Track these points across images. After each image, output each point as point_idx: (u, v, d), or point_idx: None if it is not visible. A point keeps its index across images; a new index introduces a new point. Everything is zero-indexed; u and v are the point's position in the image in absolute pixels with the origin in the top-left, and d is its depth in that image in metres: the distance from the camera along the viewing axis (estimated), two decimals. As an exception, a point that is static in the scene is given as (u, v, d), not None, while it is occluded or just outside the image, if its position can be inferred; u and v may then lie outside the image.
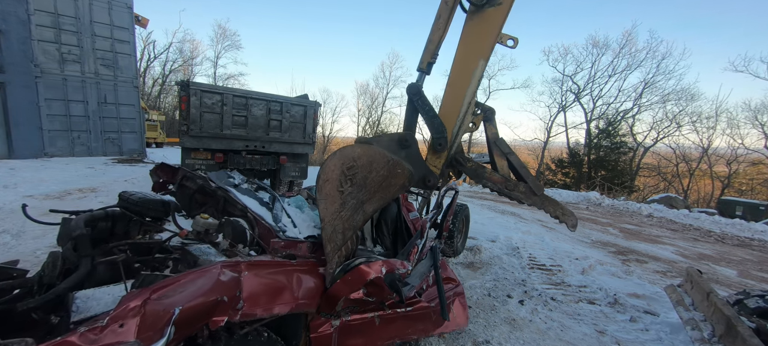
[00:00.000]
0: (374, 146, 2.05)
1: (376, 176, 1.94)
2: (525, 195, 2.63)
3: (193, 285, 1.36)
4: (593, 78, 26.36)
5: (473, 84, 2.45)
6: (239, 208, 2.48)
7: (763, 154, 22.11)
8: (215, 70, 38.34)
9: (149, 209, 2.28)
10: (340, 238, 1.80)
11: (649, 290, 3.96)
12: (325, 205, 1.75)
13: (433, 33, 2.53)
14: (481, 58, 2.42)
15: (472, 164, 2.70)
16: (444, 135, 2.41)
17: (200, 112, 6.43)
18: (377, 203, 1.99)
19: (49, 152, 11.45)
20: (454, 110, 2.49)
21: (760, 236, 8.33)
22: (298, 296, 1.62)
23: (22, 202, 5.29)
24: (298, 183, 8.45)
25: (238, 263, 1.54)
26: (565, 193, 14.37)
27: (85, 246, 1.74)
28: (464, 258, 4.68)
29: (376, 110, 37.98)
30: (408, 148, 2.32)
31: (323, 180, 1.75)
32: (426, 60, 2.55)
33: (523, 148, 34.29)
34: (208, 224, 2.16)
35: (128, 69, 12.98)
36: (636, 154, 25.00)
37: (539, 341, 2.76)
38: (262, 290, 1.51)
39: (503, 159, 2.66)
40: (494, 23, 2.38)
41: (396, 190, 2.01)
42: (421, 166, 2.35)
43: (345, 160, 1.83)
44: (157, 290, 1.29)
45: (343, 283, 1.77)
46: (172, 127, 30.58)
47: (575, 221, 2.63)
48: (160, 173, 3.25)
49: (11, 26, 10.55)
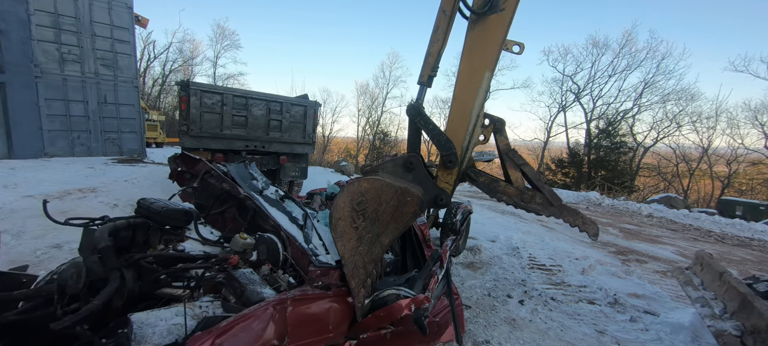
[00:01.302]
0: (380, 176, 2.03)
1: (386, 207, 1.93)
2: (542, 206, 2.55)
3: (250, 330, 1.36)
4: (593, 78, 26.41)
5: (480, 97, 2.37)
6: (271, 223, 2.42)
7: (763, 154, 22.11)
8: (215, 70, 38.40)
9: (171, 219, 2.22)
10: (362, 272, 1.82)
11: (649, 290, 3.96)
12: (343, 242, 1.76)
13: (432, 45, 2.44)
14: (486, 70, 2.33)
15: (485, 179, 2.63)
16: (453, 151, 2.34)
17: (200, 112, 6.43)
18: (392, 233, 1.98)
19: (49, 152, 11.44)
20: (462, 125, 2.42)
21: (760, 236, 8.33)
22: (332, 329, 1.64)
23: (22, 202, 5.30)
24: (298, 183, 8.45)
25: (285, 299, 1.54)
26: (565, 193, 14.37)
27: (111, 258, 1.71)
28: (464, 258, 4.68)
29: (376, 110, 37.97)
30: (414, 170, 2.28)
31: (336, 219, 1.76)
32: (426, 73, 2.46)
33: (523, 148, 34.32)
34: (246, 244, 2.14)
35: (128, 69, 12.98)
36: (636, 154, 25.00)
37: (539, 341, 2.76)
38: (304, 327, 1.53)
39: (517, 171, 2.57)
40: (498, 31, 2.29)
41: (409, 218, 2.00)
42: (431, 188, 2.30)
43: (353, 196, 1.82)
44: (221, 334, 1.29)
45: (375, 318, 1.79)
46: (172, 127, 30.58)
47: (597, 230, 2.55)
48: (179, 162, 3.17)
49: (11, 26, 10.55)
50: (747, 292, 2.30)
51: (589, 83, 26.56)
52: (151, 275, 1.86)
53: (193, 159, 3.16)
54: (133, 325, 1.35)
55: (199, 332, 1.32)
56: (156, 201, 2.27)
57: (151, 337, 1.34)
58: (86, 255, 1.75)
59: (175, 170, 3.20)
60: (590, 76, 26.43)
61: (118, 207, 5.71)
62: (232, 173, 2.89)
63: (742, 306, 2.26)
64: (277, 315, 1.45)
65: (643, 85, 24.58)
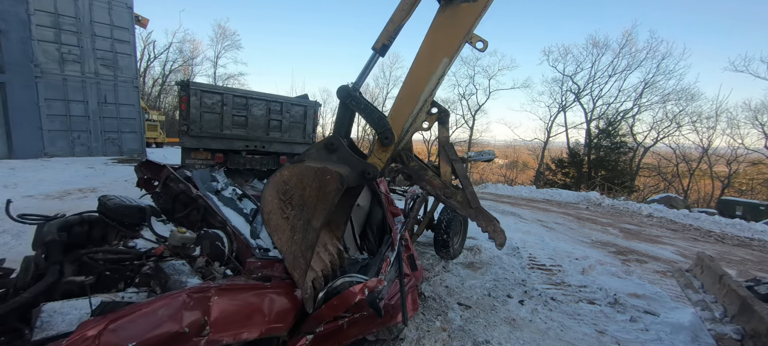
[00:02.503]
0: (304, 163, 2.06)
1: (310, 190, 1.94)
2: (461, 205, 2.62)
3: (154, 316, 1.30)
4: (593, 78, 26.41)
5: (432, 82, 2.36)
6: (219, 219, 2.47)
7: (763, 154, 22.11)
8: (215, 70, 38.39)
9: (125, 215, 2.26)
10: (302, 262, 1.81)
11: (649, 290, 3.96)
12: (278, 236, 1.76)
13: (396, 13, 2.38)
14: (445, 56, 2.31)
15: (415, 164, 2.65)
16: (388, 128, 2.32)
17: (200, 112, 6.44)
18: (322, 214, 1.98)
19: (49, 152, 11.45)
20: (408, 106, 2.39)
21: (760, 236, 8.33)
22: (270, 320, 1.61)
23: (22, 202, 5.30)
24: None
25: (209, 288, 1.51)
26: (565, 193, 14.37)
27: (55, 253, 1.72)
28: (464, 258, 4.68)
29: (376, 110, 37.89)
30: (336, 150, 2.28)
31: (267, 213, 1.76)
32: (382, 41, 2.41)
33: (523, 148, 34.33)
34: (185, 238, 2.15)
35: (128, 69, 12.99)
36: (636, 154, 25.01)
37: (539, 341, 2.76)
38: (232, 316, 1.48)
39: (448, 165, 2.63)
40: (466, 20, 2.27)
41: (333, 195, 1.99)
42: (357, 163, 2.28)
43: (278, 186, 1.84)
44: (115, 319, 1.23)
45: (329, 308, 1.79)
46: (172, 127, 30.58)
47: (504, 240, 2.66)
48: (144, 170, 3.25)
49: (11, 26, 10.56)
50: (747, 295, 2.29)
51: (589, 83, 26.60)
52: (94, 270, 1.85)
53: (157, 166, 3.23)
54: (42, 313, 1.34)
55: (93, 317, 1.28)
56: (113, 198, 2.31)
57: (58, 325, 1.33)
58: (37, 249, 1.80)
59: (142, 179, 3.26)
60: (590, 76, 26.46)
61: (118, 207, 5.71)
62: (194, 178, 2.96)
63: (743, 310, 2.25)
64: (191, 303, 1.39)
65: (643, 85, 24.62)
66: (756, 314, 2.11)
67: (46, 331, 1.30)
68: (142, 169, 3.25)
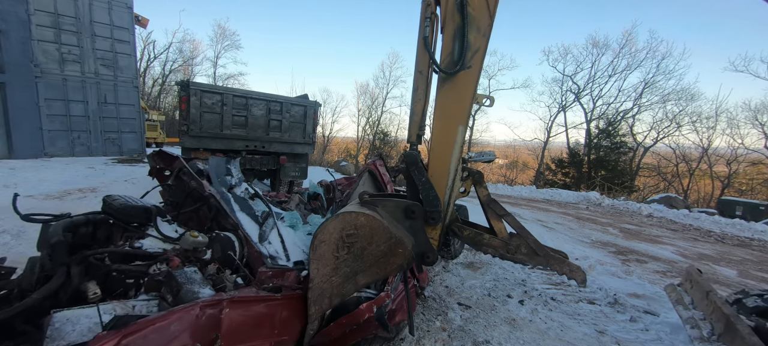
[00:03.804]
0: (378, 215, 1.99)
1: (375, 249, 1.88)
2: (528, 256, 2.58)
3: (167, 331, 1.29)
4: (593, 78, 26.38)
5: (457, 151, 2.37)
6: (231, 222, 2.42)
7: (763, 154, 22.10)
8: (215, 70, 38.36)
9: (131, 216, 2.23)
10: (326, 303, 1.77)
11: (649, 290, 3.96)
12: (317, 266, 1.72)
13: (415, 104, 2.48)
14: (459, 124, 2.35)
15: (470, 232, 2.61)
16: (438, 209, 2.28)
17: (200, 112, 6.44)
18: (371, 277, 1.92)
19: (49, 152, 11.45)
20: (442, 179, 2.39)
21: (760, 236, 8.33)
22: (279, 332, 1.61)
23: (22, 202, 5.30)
24: (298, 183, 8.45)
25: (221, 300, 1.49)
26: (565, 193, 14.37)
27: (61, 254, 1.70)
28: (464, 258, 4.68)
29: (376, 110, 37.91)
30: (412, 220, 2.22)
31: (319, 240, 1.72)
32: (414, 133, 2.48)
33: (523, 148, 34.32)
34: (197, 242, 2.12)
35: (128, 69, 12.99)
36: (636, 154, 25.00)
37: (539, 341, 2.76)
38: (242, 329, 1.49)
39: (500, 222, 2.62)
40: (467, 87, 2.32)
41: (393, 269, 1.94)
42: (423, 243, 2.25)
43: (346, 226, 1.79)
44: (128, 334, 1.21)
45: (337, 325, 1.77)
46: (172, 127, 30.56)
47: (584, 276, 2.61)
48: (157, 159, 3.21)
49: (11, 26, 10.56)
50: (731, 313, 2.29)
51: (589, 83, 26.57)
52: (100, 272, 1.83)
53: (170, 156, 3.17)
54: (53, 321, 1.32)
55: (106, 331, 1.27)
56: (118, 198, 2.28)
57: (69, 334, 1.31)
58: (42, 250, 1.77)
59: (154, 168, 3.23)
60: (590, 76, 26.43)
61: (118, 207, 5.71)
62: (209, 169, 2.91)
63: (727, 329, 2.26)
64: (203, 317, 1.38)
65: (643, 85, 24.59)
66: (739, 334, 2.12)
67: (58, 340, 1.29)
68: (154, 159, 3.22)
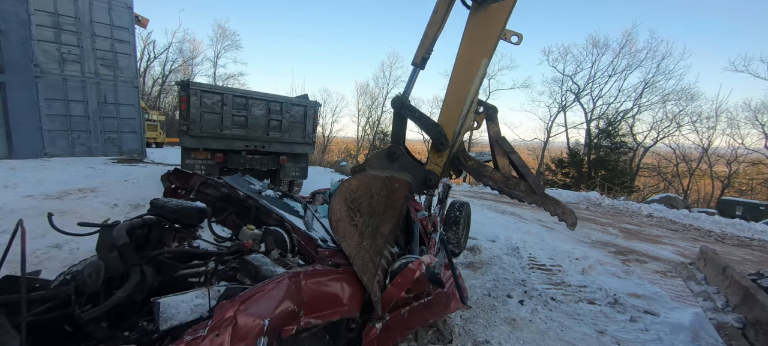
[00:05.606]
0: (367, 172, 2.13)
1: (378, 198, 2.02)
2: (526, 193, 2.65)
3: (270, 296, 1.41)
4: (593, 78, 26.37)
5: (476, 83, 2.43)
6: (275, 217, 2.51)
7: (763, 154, 22.10)
8: (215, 70, 38.39)
9: (185, 216, 2.30)
10: (371, 266, 1.89)
11: (649, 290, 3.96)
12: (346, 242, 1.83)
13: (430, 27, 2.49)
14: (484, 57, 2.38)
15: (474, 163, 2.71)
16: (443, 134, 2.41)
17: (200, 112, 6.43)
18: (390, 221, 2.06)
19: (49, 152, 11.44)
20: (456, 109, 2.47)
21: (760, 236, 8.33)
22: (346, 303, 1.71)
23: (22, 202, 5.30)
24: (299, 183, 8.44)
25: (298, 273, 1.60)
26: (565, 193, 14.37)
27: (131, 255, 1.80)
28: (464, 258, 4.68)
29: (376, 110, 37.89)
30: (397, 159, 2.37)
31: (335, 221, 1.83)
32: (420, 55, 2.53)
33: (523, 148, 34.30)
34: (254, 234, 2.25)
35: (128, 69, 12.98)
36: (636, 154, 24.99)
37: (539, 341, 2.76)
38: (319, 299, 1.58)
39: (505, 158, 2.67)
40: (498, 20, 2.33)
41: (402, 202, 2.07)
42: (419, 170, 2.38)
43: (346, 195, 1.91)
44: (244, 300, 1.33)
45: (394, 286, 1.90)
46: (172, 127, 30.57)
47: (575, 220, 2.64)
48: (172, 179, 3.20)
49: (11, 26, 10.55)
50: (750, 285, 2.31)
51: (589, 83, 26.55)
52: (170, 270, 1.93)
53: (186, 174, 3.20)
54: (160, 305, 1.42)
55: (224, 300, 1.38)
56: (169, 200, 2.36)
57: (176, 316, 1.42)
58: (104, 254, 1.83)
59: (169, 188, 3.21)
60: (590, 76, 26.42)
61: (118, 207, 5.71)
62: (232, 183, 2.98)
63: (745, 299, 2.28)
64: (293, 286, 1.50)
65: (643, 85, 24.57)
66: (758, 303, 2.13)
67: (170, 320, 1.39)
68: (169, 179, 3.20)
